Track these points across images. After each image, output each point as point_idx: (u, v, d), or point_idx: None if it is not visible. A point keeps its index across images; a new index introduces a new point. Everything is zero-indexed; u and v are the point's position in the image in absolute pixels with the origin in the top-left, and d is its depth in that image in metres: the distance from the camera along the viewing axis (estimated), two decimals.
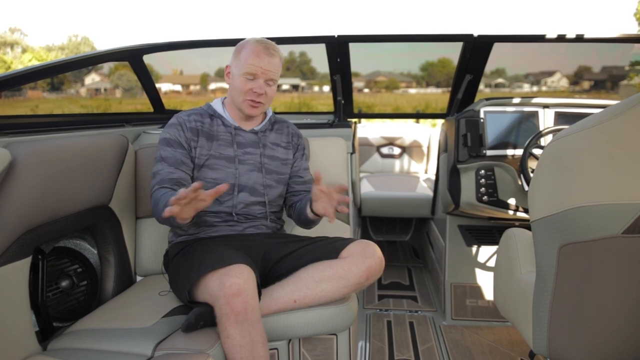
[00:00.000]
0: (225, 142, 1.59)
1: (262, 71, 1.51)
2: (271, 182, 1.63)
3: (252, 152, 1.62)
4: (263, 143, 1.64)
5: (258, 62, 1.50)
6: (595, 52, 2.60)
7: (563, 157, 1.06)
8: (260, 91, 1.52)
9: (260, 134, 1.65)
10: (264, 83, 1.53)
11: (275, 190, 1.64)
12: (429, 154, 3.80)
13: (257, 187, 1.60)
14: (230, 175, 1.56)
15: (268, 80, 1.53)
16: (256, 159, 1.61)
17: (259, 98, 1.53)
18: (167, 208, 1.16)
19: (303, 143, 1.77)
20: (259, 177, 1.60)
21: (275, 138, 1.69)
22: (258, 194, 1.60)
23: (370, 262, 1.44)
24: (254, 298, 1.25)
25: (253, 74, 1.51)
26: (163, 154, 1.52)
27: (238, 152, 1.59)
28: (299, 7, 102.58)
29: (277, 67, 1.54)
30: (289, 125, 1.76)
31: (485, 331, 2.20)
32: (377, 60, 3.03)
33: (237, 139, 1.61)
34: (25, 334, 1.24)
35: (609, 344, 1.10)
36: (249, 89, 1.52)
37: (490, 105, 2.14)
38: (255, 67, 1.50)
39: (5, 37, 37.41)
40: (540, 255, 1.16)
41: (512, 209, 2.06)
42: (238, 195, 1.57)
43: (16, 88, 1.65)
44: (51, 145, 1.36)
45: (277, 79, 1.56)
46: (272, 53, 1.52)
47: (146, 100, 2.46)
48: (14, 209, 1.19)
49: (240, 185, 1.57)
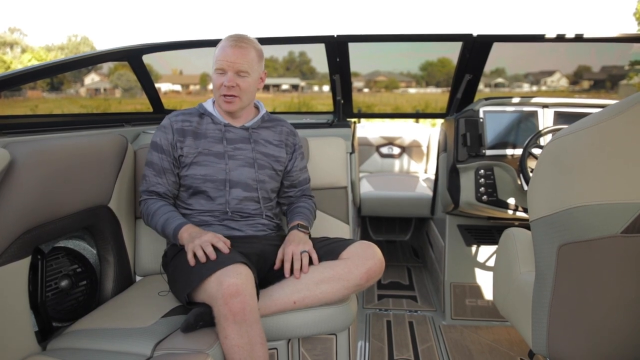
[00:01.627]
0: (215, 139, 1.59)
1: (229, 64, 1.51)
2: (264, 177, 1.62)
3: (243, 147, 1.61)
4: (254, 139, 1.64)
5: (225, 56, 1.51)
6: (594, 51, 2.60)
7: (562, 156, 1.06)
8: (230, 84, 1.51)
9: (251, 130, 1.64)
10: (235, 75, 1.52)
11: (267, 185, 1.64)
12: (429, 154, 3.80)
13: (250, 182, 1.60)
14: (220, 171, 1.57)
15: (239, 72, 1.52)
16: (247, 154, 1.61)
17: (231, 91, 1.53)
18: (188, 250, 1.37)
19: (298, 142, 1.76)
20: (251, 172, 1.60)
21: (267, 135, 1.68)
22: (251, 189, 1.60)
23: (371, 263, 1.44)
24: (252, 298, 1.24)
25: (222, 69, 1.52)
26: (150, 158, 1.59)
27: (228, 148, 1.59)
28: (298, 7, 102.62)
29: (247, 59, 1.52)
30: (284, 125, 1.75)
31: (484, 331, 2.20)
32: (376, 60, 3.03)
33: (227, 135, 1.61)
34: (25, 334, 1.24)
35: (608, 343, 1.10)
36: (220, 83, 1.53)
37: (489, 105, 2.14)
38: (223, 61, 1.51)
39: (5, 37, 37.38)
40: (539, 254, 1.16)
41: (512, 209, 2.06)
42: (230, 191, 1.57)
43: (16, 88, 1.65)
44: (51, 145, 1.35)
45: (251, 70, 1.54)
46: (240, 45, 1.52)
47: (145, 100, 2.46)
48: (13, 208, 1.19)
49: (232, 181, 1.57)
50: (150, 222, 1.55)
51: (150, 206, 1.56)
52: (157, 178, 1.57)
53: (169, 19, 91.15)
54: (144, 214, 1.58)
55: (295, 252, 1.45)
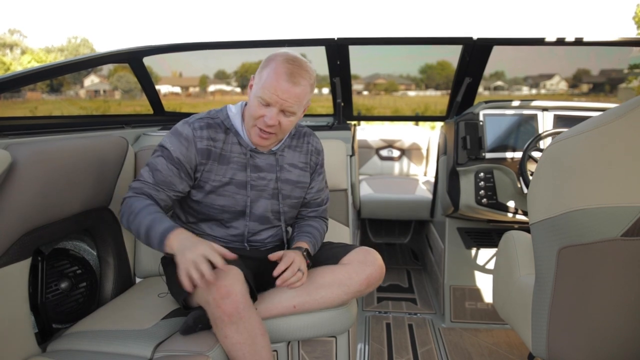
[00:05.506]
0: (239, 165, 1.43)
1: (278, 100, 1.30)
2: (286, 207, 1.52)
3: (267, 177, 1.47)
4: (280, 165, 1.49)
5: (276, 88, 1.29)
6: (594, 55, 2.61)
7: (562, 159, 1.06)
8: (271, 122, 1.32)
9: (278, 155, 1.49)
10: (280, 113, 1.33)
11: (288, 214, 1.54)
12: (428, 157, 3.80)
13: (270, 215, 1.49)
14: (240, 202, 1.44)
15: (285, 111, 1.33)
16: (271, 185, 1.47)
17: (269, 129, 1.34)
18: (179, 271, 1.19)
19: (321, 160, 1.62)
20: (273, 204, 1.48)
21: (293, 158, 1.53)
22: (269, 222, 1.50)
23: (371, 270, 1.44)
24: (244, 296, 1.23)
25: (267, 101, 1.31)
26: (155, 165, 1.38)
27: (252, 177, 1.44)
28: (299, 10, 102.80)
29: (298, 98, 1.32)
30: (310, 141, 1.58)
31: (484, 334, 2.20)
32: (376, 62, 3.03)
33: (252, 162, 1.45)
34: (25, 336, 1.24)
35: (608, 346, 1.11)
36: (260, 115, 1.33)
37: (489, 108, 2.15)
38: (271, 94, 1.29)
39: (5, 39, 37.41)
40: (539, 257, 1.16)
41: (512, 212, 2.07)
42: (249, 223, 1.47)
43: (16, 90, 1.65)
44: (51, 147, 1.36)
45: (298, 111, 1.35)
46: (295, 81, 1.30)
47: (145, 102, 2.47)
48: (14, 210, 1.19)
49: (253, 214, 1.46)
50: (132, 222, 1.30)
51: (135, 203, 1.32)
52: (157, 187, 1.37)
53: (168, 21, 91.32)
54: (125, 213, 1.34)
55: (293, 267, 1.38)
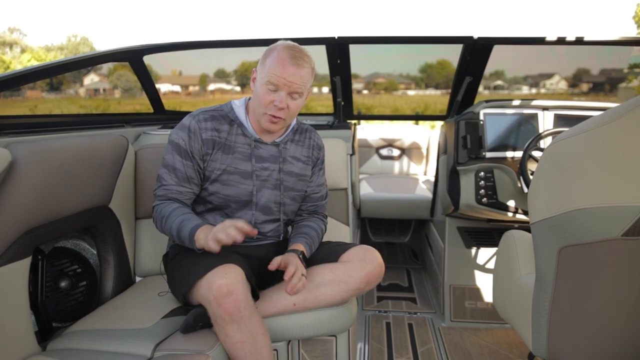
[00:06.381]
0: (243, 155, 1.47)
1: (286, 83, 1.36)
2: (287, 199, 1.55)
3: (270, 167, 1.51)
4: (283, 157, 1.53)
5: (282, 72, 1.35)
6: (594, 54, 2.61)
7: (563, 159, 1.06)
8: (281, 105, 1.37)
9: (281, 146, 1.53)
10: (287, 96, 1.39)
11: (289, 207, 1.57)
12: (428, 156, 3.80)
13: (272, 205, 1.52)
14: (245, 192, 1.47)
15: (292, 94, 1.39)
16: (274, 175, 1.51)
17: (279, 113, 1.39)
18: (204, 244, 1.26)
19: (322, 155, 1.66)
20: (276, 194, 1.51)
21: (295, 151, 1.57)
22: (272, 213, 1.52)
23: (371, 267, 1.44)
24: (245, 294, 1.23)
25: (275, 85, 1.37)
26: (172, 162, 1.44)
27: (256, 167, 1.48)
28: (299, 9, 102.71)
29: (304, 79, 1.39)
30: (312, 136, 1.63)
31: (484, 333, 2.20)
32: (376, 62, 3.03)
33: (256, 152, 1.49)
34: (25, 335, 1.24)
35: (608, 346, 1.11)
36: (270, 101, 1.38)
37: (489, 107, 2.15)
38: (279, 77, 1.35)
39: (5, 37, 37.36)
40: (539, 257, 1.16)
41: (512, 211, 2.07)
42: (254, 213, 1.49)
43: (15, 88, 1.65)
44: (51, 146, 1.35)
45: (304, 91, 1.42)
46: (299, 63, 1.37)
47: (145, 100, 2.47)
48: (14, 209, 1.19)
49: (257, 204, 1.49)
50: (165, 226, 1.41)
51: (164, 209, 1.42)
52: (180, 187, 1.44)
53: (168, 19, 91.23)
54: (157, 218, 1.44)
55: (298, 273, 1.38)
